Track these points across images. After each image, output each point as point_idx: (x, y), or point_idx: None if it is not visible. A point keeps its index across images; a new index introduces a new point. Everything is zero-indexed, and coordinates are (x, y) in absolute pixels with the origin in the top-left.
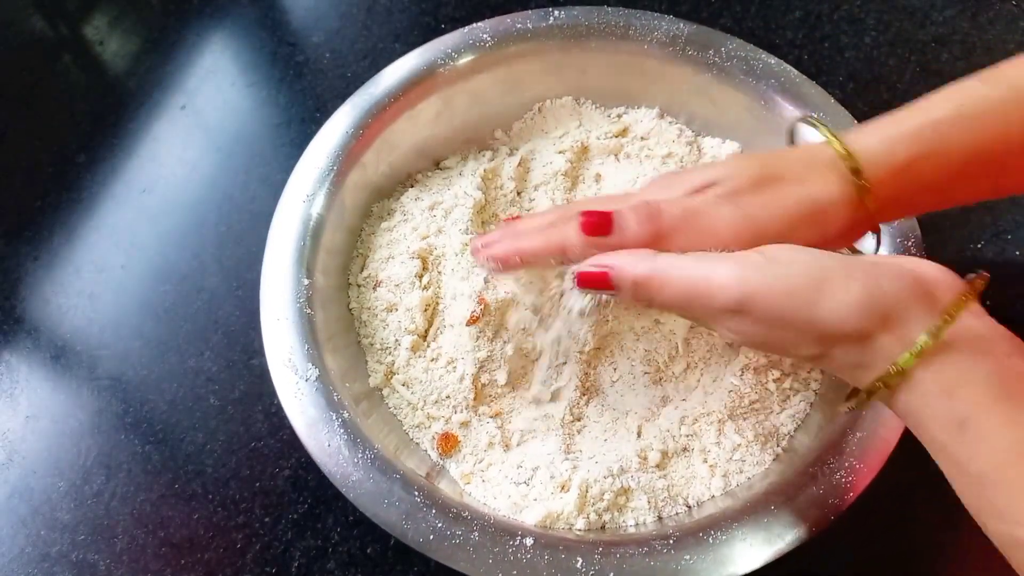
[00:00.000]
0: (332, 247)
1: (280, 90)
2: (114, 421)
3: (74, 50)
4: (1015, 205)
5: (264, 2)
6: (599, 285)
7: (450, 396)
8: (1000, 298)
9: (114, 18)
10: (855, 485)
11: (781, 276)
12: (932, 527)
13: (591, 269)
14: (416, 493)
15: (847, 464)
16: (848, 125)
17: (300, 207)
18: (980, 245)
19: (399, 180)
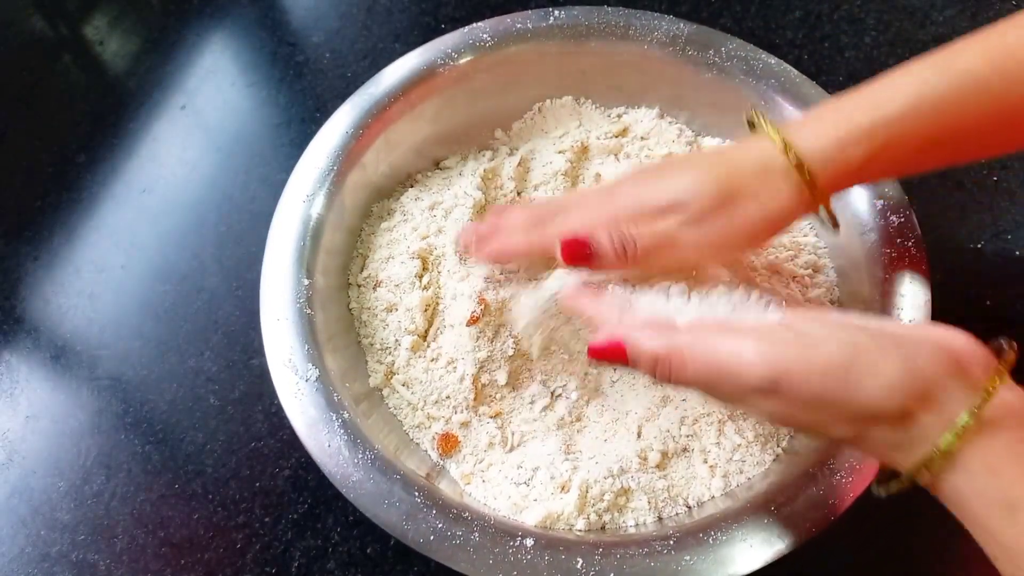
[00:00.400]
0: (332, 247)
1: (280, 90)
2: (114, 421)
3: (74, 50)
4: (1015, 204)
5: (264, 2)
6: (614, 358)
7: (450, 396)
8: (1000, 298)
9: (114, 18)
10: (855, 486)
11: (813, 354)
12: (932, 528)
13: (604, 342)
14: (416, 494)
15: (847, 465)
16: None
17: (300, 207)
18: (980, 245)
19: (399, 180)
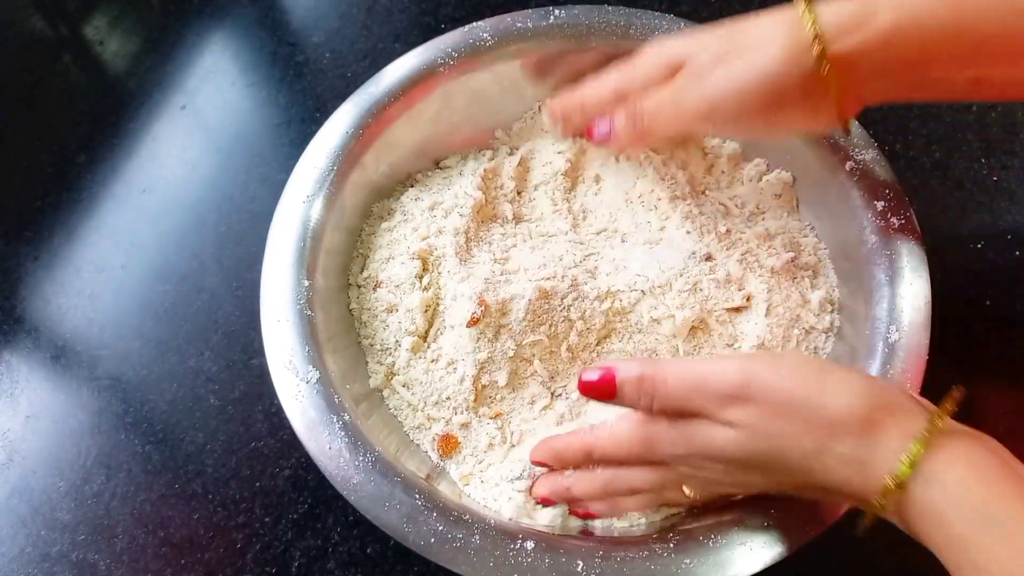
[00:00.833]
0: (332, 248)
1: (280, 90)
2: (114, 421)
3: (74, 50)
4: (1015, 204)
5: (264, 2)
6: (603, 389)
7: (450, 397)
8: (1000, 298)
9: (114, 18)
10: None
11: (783, 363)
12: None
13: (592, 377)
14: (417, 496)
15: None
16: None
17: (300, 207)
18: (980, 245)
19: (399, 180)
